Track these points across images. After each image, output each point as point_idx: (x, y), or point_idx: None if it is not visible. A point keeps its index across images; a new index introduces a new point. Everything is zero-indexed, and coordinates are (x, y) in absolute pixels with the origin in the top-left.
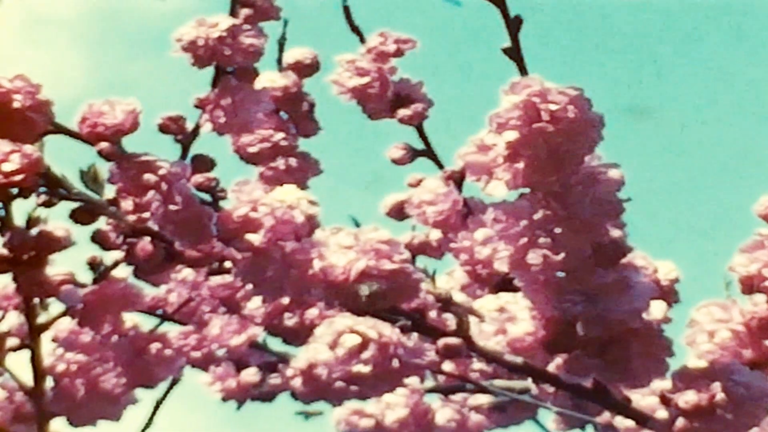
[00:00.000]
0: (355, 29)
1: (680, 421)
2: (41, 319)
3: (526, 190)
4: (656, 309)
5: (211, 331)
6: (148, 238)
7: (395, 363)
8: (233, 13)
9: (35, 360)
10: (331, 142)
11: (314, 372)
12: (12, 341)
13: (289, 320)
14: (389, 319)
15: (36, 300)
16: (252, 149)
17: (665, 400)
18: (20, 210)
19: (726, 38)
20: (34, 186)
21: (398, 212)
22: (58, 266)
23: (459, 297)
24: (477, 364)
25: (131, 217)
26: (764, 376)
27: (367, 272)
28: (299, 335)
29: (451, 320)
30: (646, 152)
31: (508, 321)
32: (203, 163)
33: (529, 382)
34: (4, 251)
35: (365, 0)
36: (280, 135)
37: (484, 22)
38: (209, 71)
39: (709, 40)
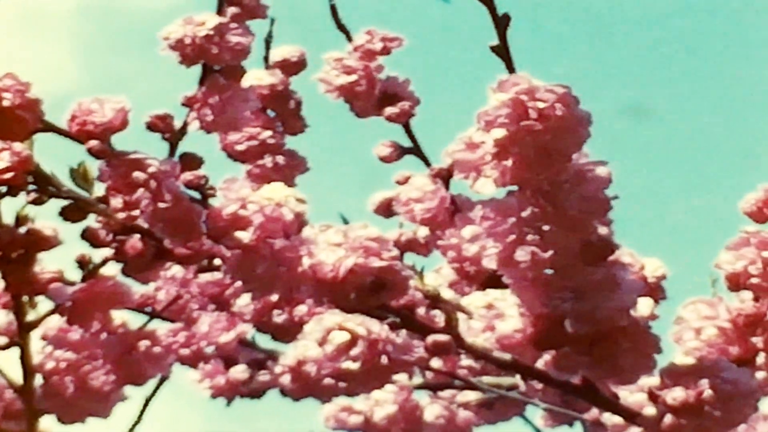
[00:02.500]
0: (342, 27)
1: (668, 418)
2: (30, 316)
3: (515, 188)
4: (643, 306)
5: (200, 328)
6: (137, 236)
7: (384, 360)
8: (220, 11)
9: (24, 358)
10: (319, 140)
11: (303, 369)
12: (1, 339)
13: (278, 317)
14: (378, 316)
15: (25, 298)
16: (239, 147)
17: (653, 397)
18: (9, 208)
19: (724, 38)
20: (23, 184)
21: (386, 209)
22: (46, 264)
23: (447, 294)
24: (465, 361)
25: (121, 215)
26: (751, 372)
27: (356, 269)
28: (288, 332)
29: (439, 317)
30: (633, 150)
31: (496, 318)
32: (192, 161)
33: (517, 379)
34: None
35: None
36: (268, 133)
37: (472, 20)
38: (197, 69)
39: (708, 40)
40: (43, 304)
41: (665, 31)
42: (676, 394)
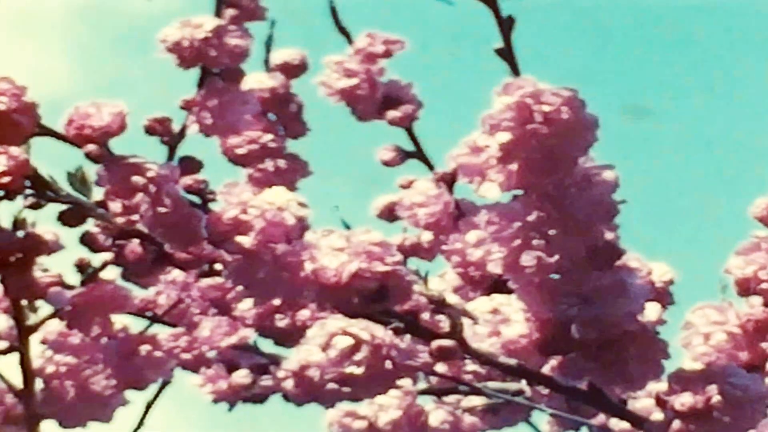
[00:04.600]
0: (343, 30)
1: (676, 424)
2: (30, 321)
3: (520, 192)
4: (651, 311)
5: (202, 332)
6: (137, 241)
7: (388, 365)
8: (218, 13)
9: (24, 362)
10: (320, 144)
11: (306, 374)
12: (1, 344)
13: (281, 322)
14: (382, 320)
15: (24, 302)
16: (240, 151)
17: (661, 403)
18: (7, 212)
19: (725, 38)
20: (21, 188)
21: (389, 214)
22: (46, 268)
23: (452, 299)
24: (470, 366)
25: (120, 220)
26: (760, 378)
27: (360, 274)
28: (291, 337)
29: (444, 322)
30: (640, 153)
31: (501, 323)
32: (191, 165)
33: (523, 384)
34: None
35: (353, 0)
36: (269, 136)
37: (476, 23)
38: (195, 72)
39: (708, 40)
40: (43, 308)
41: (665, 31)
42: (684, 400)
